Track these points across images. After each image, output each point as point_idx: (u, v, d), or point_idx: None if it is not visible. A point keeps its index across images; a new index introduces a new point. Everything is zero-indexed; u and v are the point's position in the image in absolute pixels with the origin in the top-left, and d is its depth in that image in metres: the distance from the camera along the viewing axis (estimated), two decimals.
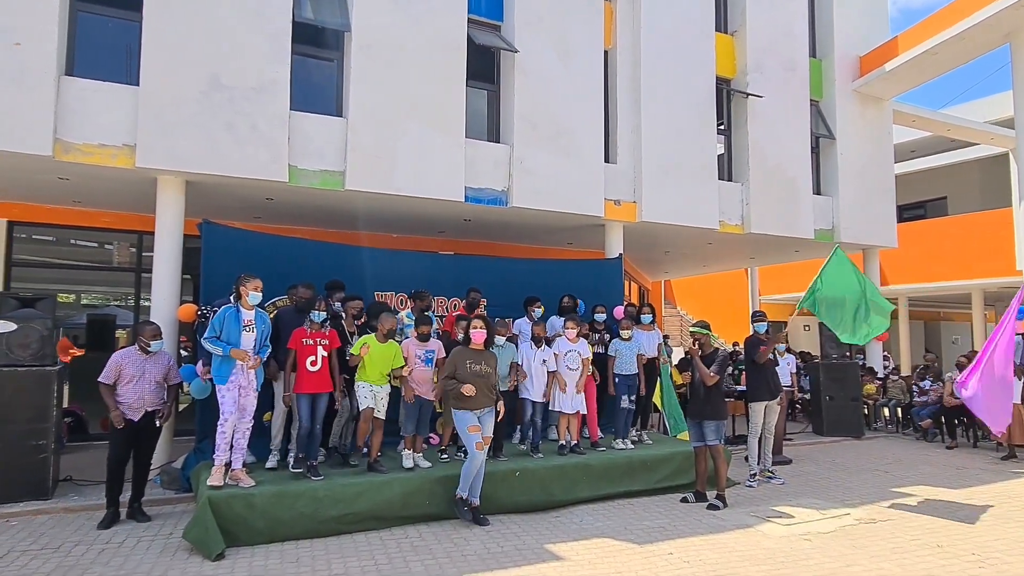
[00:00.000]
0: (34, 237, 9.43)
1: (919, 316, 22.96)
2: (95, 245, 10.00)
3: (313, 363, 5.80)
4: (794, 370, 10.70)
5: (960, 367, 10.17)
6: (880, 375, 12.46)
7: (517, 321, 7.64)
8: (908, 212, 19.65)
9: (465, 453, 6.00)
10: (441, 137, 8.34)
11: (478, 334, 5.83)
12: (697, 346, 6.59)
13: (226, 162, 7.27)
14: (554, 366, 6.97)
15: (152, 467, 6.15)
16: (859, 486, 7.30)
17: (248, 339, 5.49)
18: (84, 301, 10.30)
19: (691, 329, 6.55)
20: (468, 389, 5.57)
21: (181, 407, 8.27)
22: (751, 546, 5.18)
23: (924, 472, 8.10)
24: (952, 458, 9.09)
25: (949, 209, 19.58)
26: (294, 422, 6.02)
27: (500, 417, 5.98)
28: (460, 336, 6.42)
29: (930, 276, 17.01)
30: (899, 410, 11.57)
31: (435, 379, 6.19)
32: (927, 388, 11.24)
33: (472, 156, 8.63)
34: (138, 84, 7.00)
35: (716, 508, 6.23)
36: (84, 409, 9.23)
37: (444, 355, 6.21)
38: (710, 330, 6.50)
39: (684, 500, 6.52)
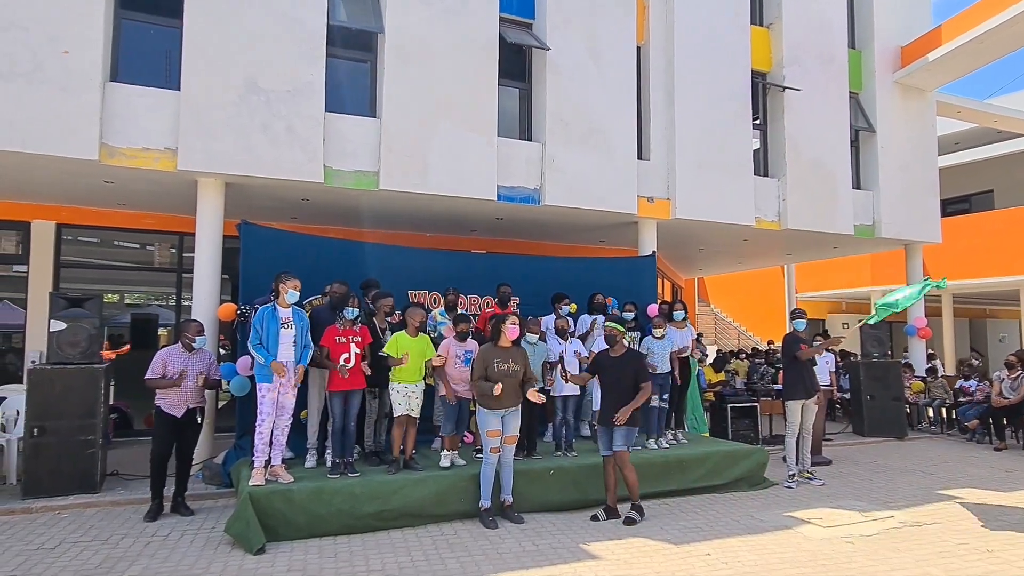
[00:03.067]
0: (80, 239, 9.74)
1: (964, 314, 22.28)
2: (138, 246, 10.28)
3: (347, 360, 5.86)
4: (833, 369, 10.47)
5: (1010, 366, 9.85)
6: (920, 374, 12.11)
7: (544, 318, 7.63)
8: (952, 206, 19.05)
9: (480, 452, 6.02)
10: (474, 136, 8.37)
11: (514, 330, 5.77)
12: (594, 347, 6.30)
13: (263, 164, 7.41)
14: (586, 353, 6.95)
15: (194, 463, 6.31)
16: (903, 488, 7.11)
17: (287, 335, 5.59)
18: (128, 301, 10.60)
19: (607, 324, 6.05)
20: (499, 389, 5.50)
21: (221, 404, 8.46)
22: (791, 548, 5.09)
23: (971, 474, 7.85)
24: (1001, 460, 8.79)
25: (996, 203, 18.93)
26: (329, 419, 6.10)
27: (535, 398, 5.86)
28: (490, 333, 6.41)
29: (976, 272, 16.47)
30: (943, 410, 11.23)
31: None
32: (972, 388, 10.90)
33: (504, 155, 8.65)
34: (179, 89, 7.17)
35: (633, 522, 5.62)
36: (129, 406, 9.50)
37: None
38: (625, 327, 6.06)
39: (594, 518, 5.79)
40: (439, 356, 6.06)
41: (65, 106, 6.69)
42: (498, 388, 5.51)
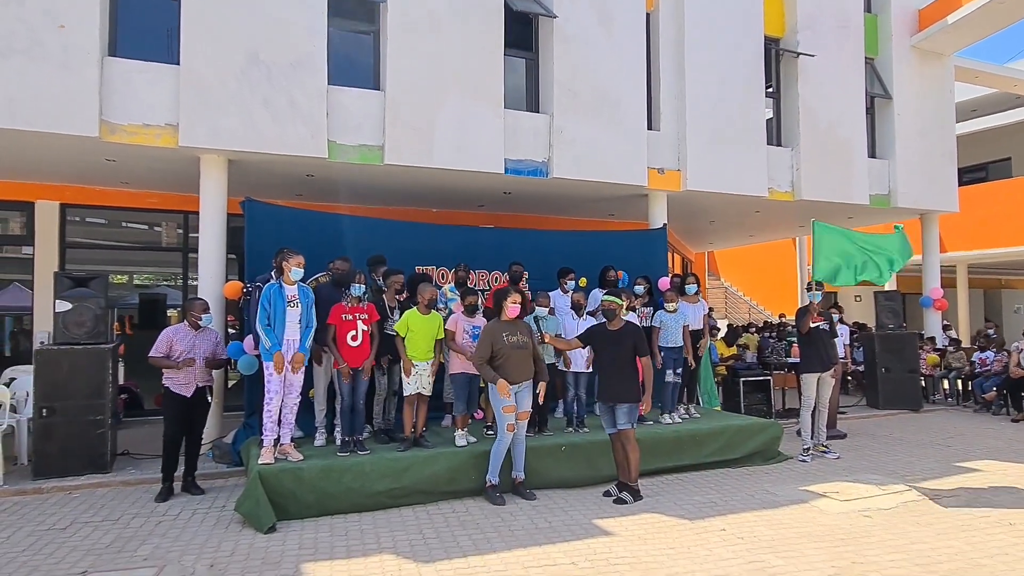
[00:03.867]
0: (86, 220, 9.67)
1: (979, 284, 21.94)
2: (144, 226, 10.20)
3: (354, 338, 5.79)
4: (847, 341, 10.34)
5: None
6: (939, 346, 11.94)
7: (552, 293, 7.50)
8: (968, 175, 18.67)
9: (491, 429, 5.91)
10: (480, 108, 8.17)
11: (514, 308, 5.65)
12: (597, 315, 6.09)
13: (266, 139, 7.26)
14: None
15: (203, 442, 6.28)
16: (920, 461, 7.01)
17: (293, 315, 5.51)
18: (137, 282, 10.57)
19: (604, 298, 5.83)
20: (503, 387, 5.40)
21: (230, 383, 8.43)
22: (807, 522, 5.01)
23: (989, 446, 7.74)
24: (1019, 431, 8.67)
25: (1013, 170, 18.52)
26: (337, 397, 6.04)
27: (542, 399, 5.77)
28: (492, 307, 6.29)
29: (992, 242, 16.19)
30: (960, 382, 11.09)
31: None
32: (990, 359, 10.74)
33: (511, 127, 8.45)
34: (179, 63, 7.02)
35: (624, 503, 5.50)
36: (139, 386, 9.51)
37: None
38: (621, 301, 5.79)
39: (607, 494, 5.72)
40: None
41: (64, 82, 6.55)
42: (503, 389, 5.40)
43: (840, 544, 4.54)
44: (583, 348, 6.14)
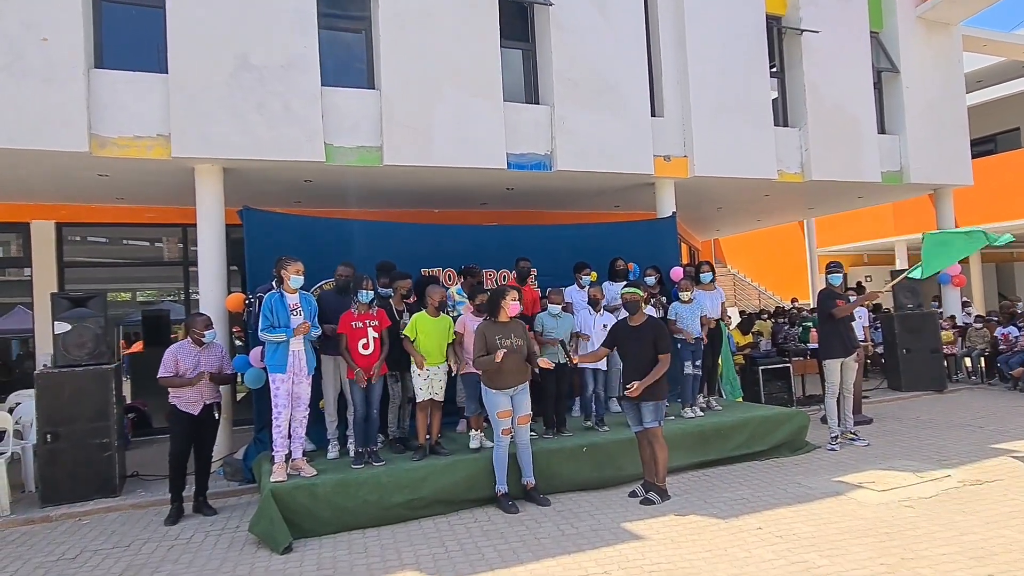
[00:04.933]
0: (83, 238, 9.48)
1: (991, 258, 21.64)
2: (143, 242, 10.01)
3: (365, 346, 5.58)
4: (866, 323, 10.08)
5: None
6: (959, 323, 11.67)
7: (567, 289, 7.28)
8: (977, 147, 18.33)
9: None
10: (478, 103, 7.94)
11: (515, 307, 5.39)
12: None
13: (261, 145, 7.05)
14: None
15: (214, 459, 6.09)
16: (953, 444, 6.76)
17: (296, 323, 5.32)
18: (140, 298, 10.39)
19: (624, 291, 5.58)
20: (500, 355, 5.13)
21: (239, 397, 8.23)
22: (847, 516, 4.78)
23: (1023, 425, 7.48)
24: None
25: (1023, 141, 18.20)
26: (349, 407, 5.84)
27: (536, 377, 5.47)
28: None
29: (1005, 215, 15.88)
30: (983, 360, 10.82)
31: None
32: (1014, 335, 10.47)
33: (512, 120, 8.21)
34: (167, 72, 6.81)
35: (651, 503, 5.30)
36: (147, 404, 9.32)
37: None
38: (643, 294, 5.53)
39: (633, 495, 5.53)
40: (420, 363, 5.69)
41: (49, 97, 6.34)
42: (499, 355, 5.14)
43: (886, 539, 4.31)
44: (611, 351, 5.87)
